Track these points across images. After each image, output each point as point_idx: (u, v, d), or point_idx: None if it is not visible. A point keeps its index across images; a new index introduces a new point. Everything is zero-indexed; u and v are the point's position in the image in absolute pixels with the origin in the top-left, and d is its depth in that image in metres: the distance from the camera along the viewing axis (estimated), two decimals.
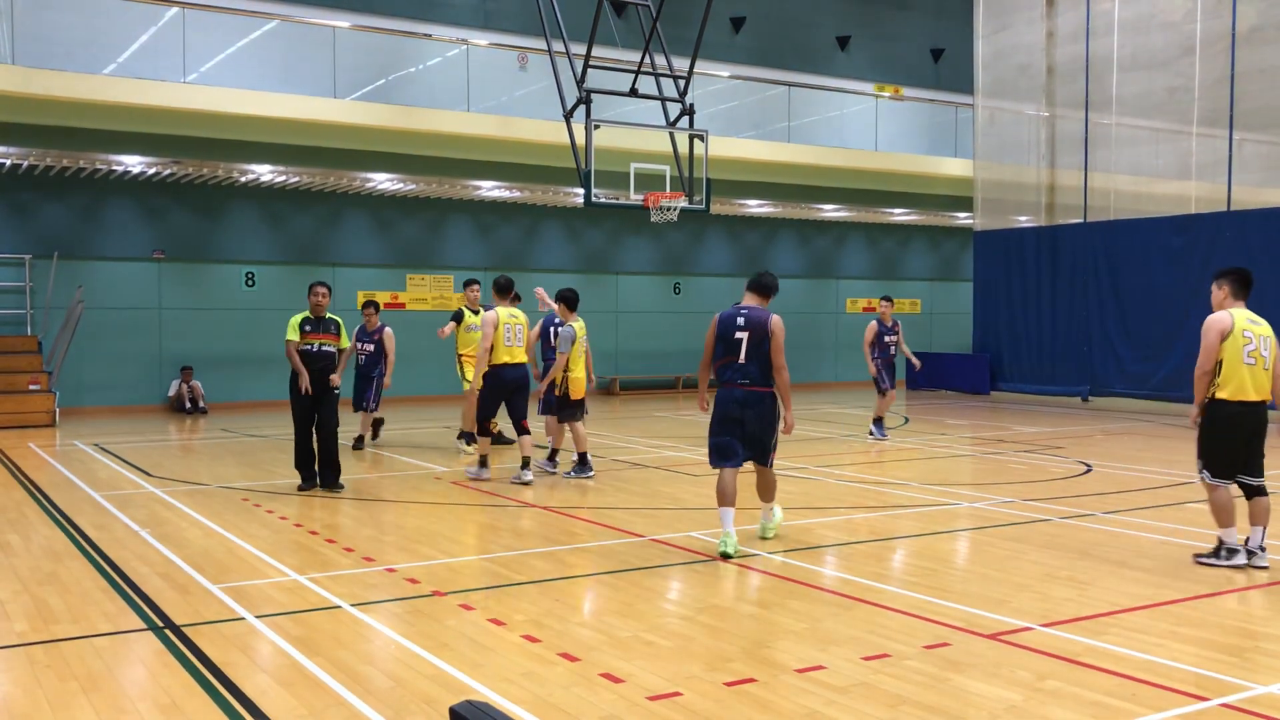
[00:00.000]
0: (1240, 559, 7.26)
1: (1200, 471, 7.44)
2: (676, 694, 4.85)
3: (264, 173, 19.23)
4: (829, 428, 16.79)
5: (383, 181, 20.38)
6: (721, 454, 7.77)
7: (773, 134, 22.63)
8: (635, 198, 15.37)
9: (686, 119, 15.52)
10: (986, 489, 10.81)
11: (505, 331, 11.00)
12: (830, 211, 25.52)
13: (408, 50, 20.07)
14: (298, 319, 10.62)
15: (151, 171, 18.94)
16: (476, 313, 13.67)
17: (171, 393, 19.67)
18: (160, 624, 6.04)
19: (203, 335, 20.21)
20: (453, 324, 14.01)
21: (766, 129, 22.70)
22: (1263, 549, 7.26)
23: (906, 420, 17.83)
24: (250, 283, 20.72)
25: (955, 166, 24.10)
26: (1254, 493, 7.33)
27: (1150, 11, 19.67)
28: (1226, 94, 18.07)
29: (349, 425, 13.27)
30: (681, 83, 15.68)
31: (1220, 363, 7.27)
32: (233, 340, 20.43)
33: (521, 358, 11.18)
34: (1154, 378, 18.85)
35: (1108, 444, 14.49)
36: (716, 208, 22.67)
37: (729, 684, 4.97)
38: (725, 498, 7.72)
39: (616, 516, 9.26)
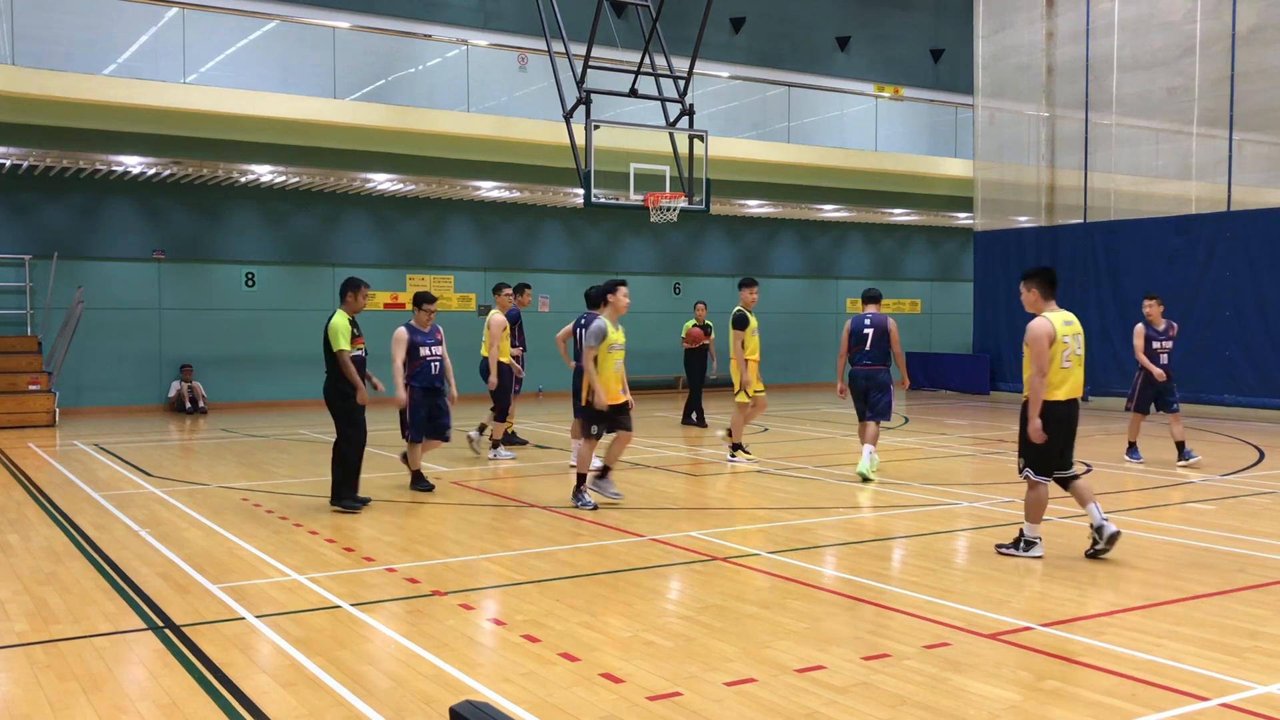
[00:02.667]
0: (1038, 550, 7.57)
1: (1022, 470, 7.68)
2: (676, 694, 4.85)
3: (264, 173, 19.23)
4: (829, 428, 16.79)
5: (382, 182, 20.38)
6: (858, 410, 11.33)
7: (772, 134, 22.64)
8: (635, 198, 15.37)
9: (686, 119, 15.52)
10: (986, 489, 10.80)
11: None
12: (830, 212, 25.53)
13: (407, 51, 20.08)
14: (344, 323, 9.37)
15: (151, 171, 18.94)
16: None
17: (171, 393, 19.67)
18: (160, 624, 6.04)
19: (203, 335, 20.22)
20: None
21: (766, 129, 22.70)
22: (1105, 520, 7.53)
23: (906, 420, 17.83)
24: (250, 283, 20.72)
25: (955, 166, 24.10)
26: (1069, 480, 7.71)
27: (1150, 11, 19.67)
28: (1226, 94, 18.07)
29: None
30: (681, 83, 15.68)
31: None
32: (233, 340, 20.43)
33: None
34: None
35: (1108, 444, 14.48)
36: (716, 208, 22.69)
37: (729, 684, 4.97)
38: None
39: (616, 516, 9.26)
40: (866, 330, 11.36)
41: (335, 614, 6.21)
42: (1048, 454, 7.56)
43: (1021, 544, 7.63)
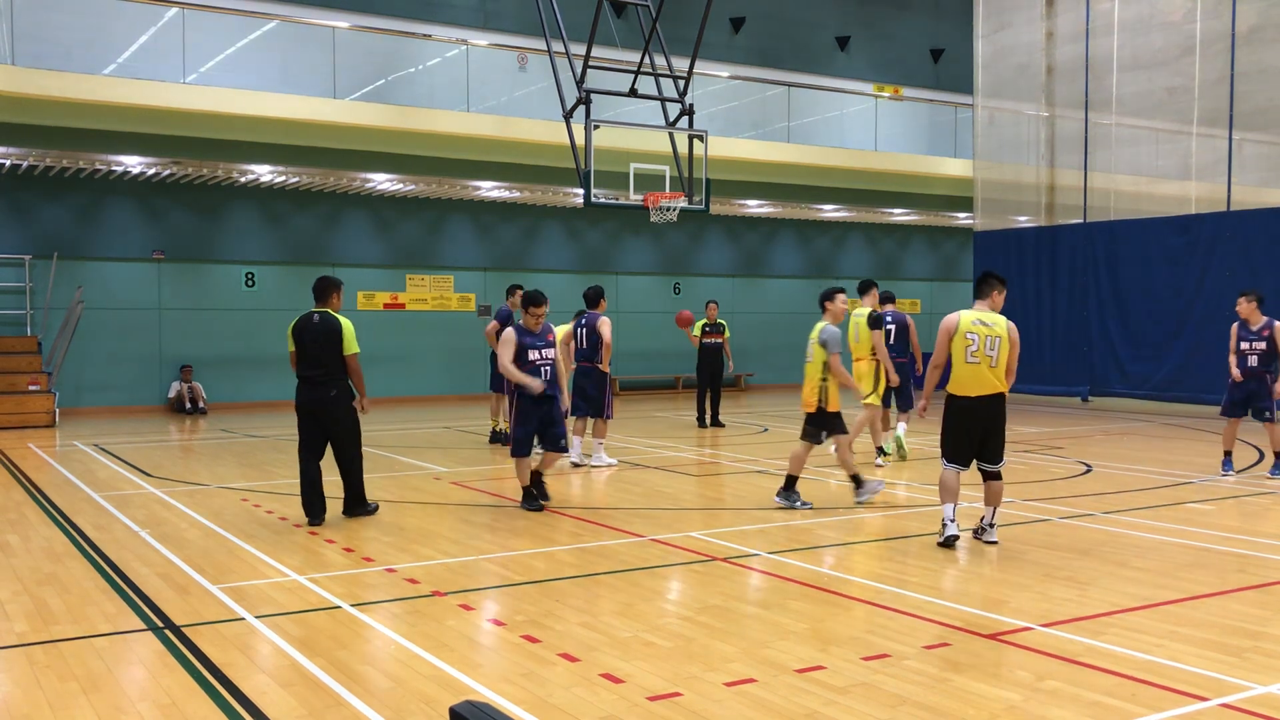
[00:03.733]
0: (952, 530, 7.94)
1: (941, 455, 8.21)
2: (676, 694, 4.85)
3: (264, 173, 19.23)
4: None
5: (382, 181, 20.38)
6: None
7: (772, 134, 22.63)
8: (635, 198, 15.37)
9: (686, 119, 15.52)
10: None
11: None
12: (830, 211, 25.53)
13: (407, 50, 20.08)
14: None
15: (151, 172, 18.94)
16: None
17: (171, 393, 19.68)
18: (160, 624, 6.04)
19: (203, 335, 20.22)
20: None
21: (766, 129, 22.70)
22: (991, 526, 8.03)
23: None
24: (250, 283, 20.73)
25: (955, 166, 24.10)
26: (988, 477, 8.05)
27: (1150, 11, 19.66)
28: (1226, 94, 18.07)
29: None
30: (681, 83, 15.68)
31: (950, 359, 8.00)
32: (233, 340, 20.44)
33: None
34: (1154, 378, 18.84)
35: (1108, 444, 14.48)
36: (716, 208, 22.68)
37: (729, 684, 4.97)
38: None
39: (616, 516, 9.26)
40: (889, 326, 12.84)
41: (335, 614, 6.21)
42: (951, 443, 8.04)
43: (942, 524, 8.11)
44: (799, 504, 9.53)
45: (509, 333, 9.49)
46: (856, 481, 9.68)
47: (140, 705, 4.78)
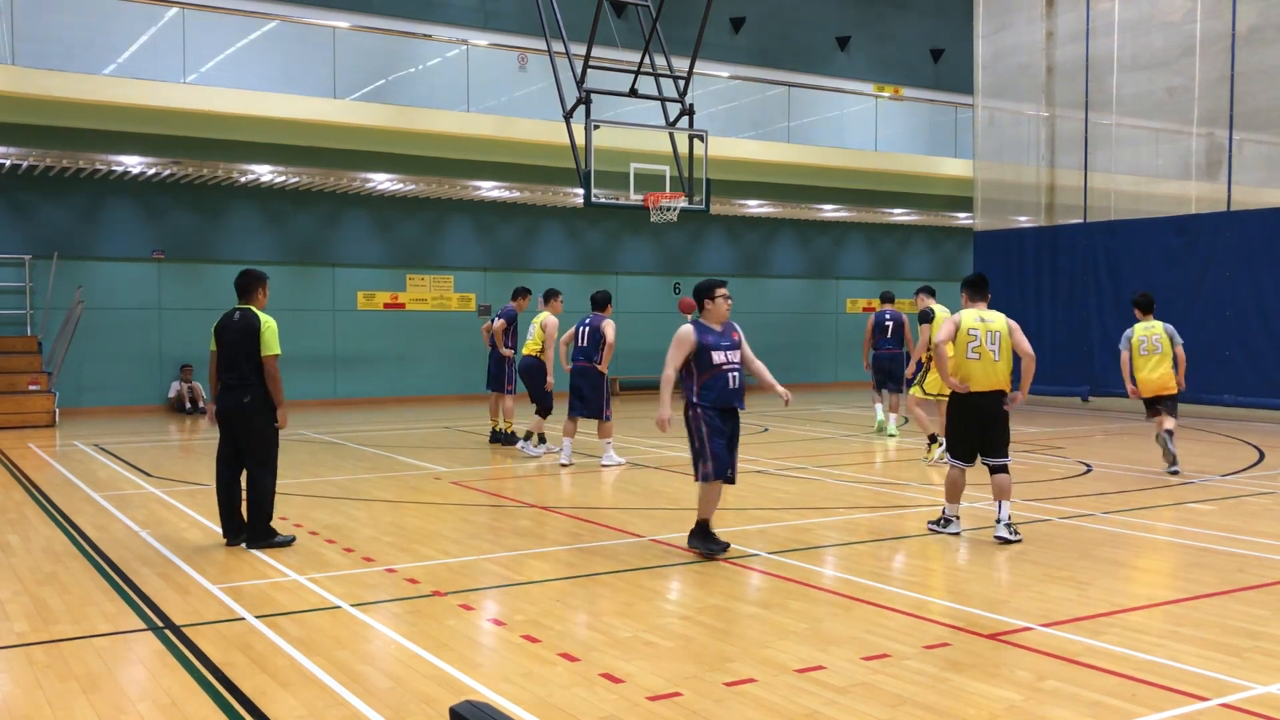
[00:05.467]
0: (955, 528, 8.31)
1: (946, 452, 8.58)
2: (676, 694, 4.85)
3: (264, 173, 19.23)
4: (829, 428, 16.80)
5: (382, 181, 20.38)
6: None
7: (772, 134, 22.64)
8: (635, 198, 15.37)
9: (686, 119, 15.52)
10: (985, 489, 10.77)
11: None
12: (830, 211, 25.53)
13: (407, 50, 20.08)
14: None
15: (151, 172, 18.95)
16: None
17: (171, 393, 19.68)
18: (160, 624, 6.04)
19: (203, 335, 20.14)
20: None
21: (766, 129, 22.71)
22: (1008, 525, 8.05)
23: (906, 421, 17.82)
24: None
25: (955, 166, 24.10)
26: (993, 470, 8.19)
27: (1150, 11, 19.66)
28: (1226, 94, 18.06)
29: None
30: (681, 83, 15.68)
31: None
32: None
33: None
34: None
35: (1108, 444, 14.48)
36: (716, 208, 22.68)
37: (729, 684, 4.97)
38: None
39: (616, 516, 9.26)
40: (888, 323, 15.28)
41: (335, 614, 6.21)
42: (957, 438, 8.31)
43: (942, 521, 8.44)
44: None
45: (685, 331, 7.56)
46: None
47: (140, 705, 4.78)
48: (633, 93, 15.44)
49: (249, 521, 8.10)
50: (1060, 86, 21.59)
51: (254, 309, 8.10)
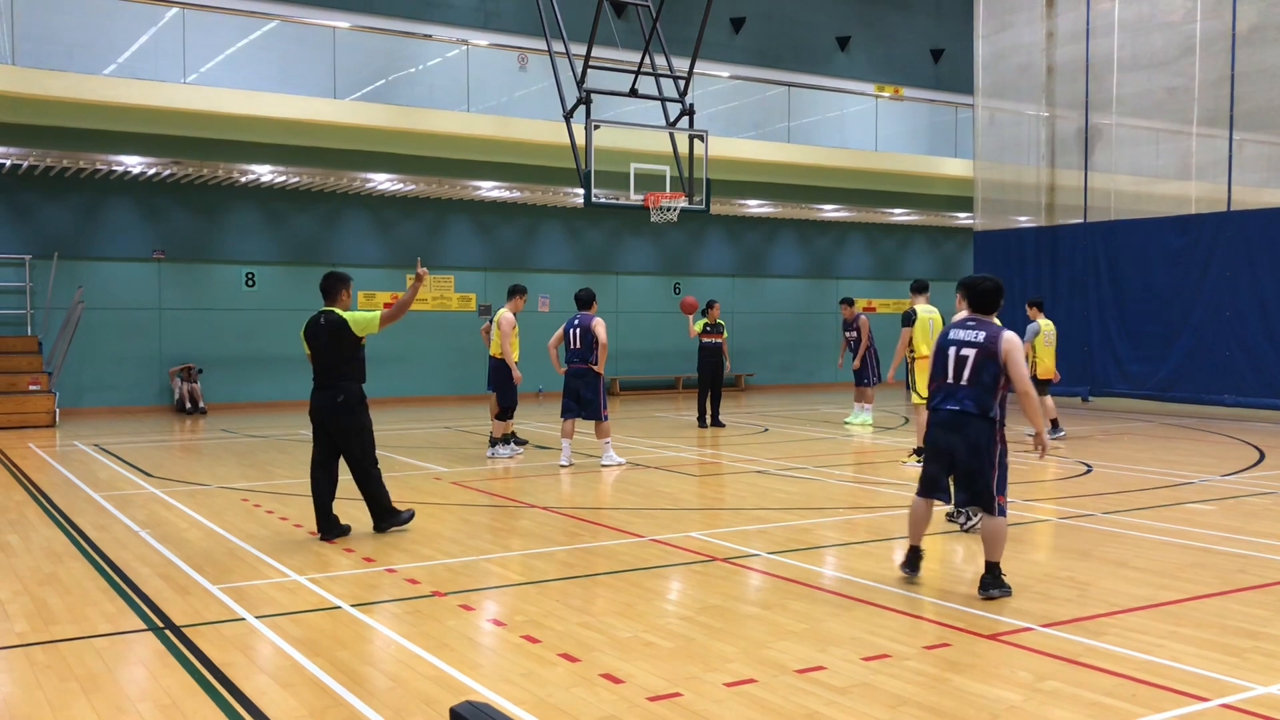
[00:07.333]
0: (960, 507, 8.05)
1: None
2: (676, 694, 4.85)
3: (264, 173, 19.23)
4: (829, 428, 16.80)
5: (382, 182, 20.38)
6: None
7: (773, 134, 22.64)
8: (635, 198, 15.37)
9: (686, 119, 15.52)
10: None
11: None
12: (830, 211, 25.53)
13: (407, 51, 20.08)
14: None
15: (151, 171, 18.95)
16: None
17: (174, 394, 19.68)
18: (160, 624, 6.04)
19: (203, 335, 20.22)
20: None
21: (766, 129, 22.71)
22: (963, 512, 8.45)
23: (906, 420, 17.83)
24: (250, 283, 20.73)
25: (955, 166, 24.11)
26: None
27: (1150, 11, 19.66)
28: (1226, 94, 18.06)
29: None
30: (681, 83, 15.69)
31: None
32: (233, 341, 20.44)
33: None
34: (1154, 378, 18.85)
35: (1108, 444, 14.48)
36: (716, 208, 22.69)
37: (729, 684, 4.97)
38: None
39: (616, 516, 9.26)
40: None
41: (335, 614, 6.21)
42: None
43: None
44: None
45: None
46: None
47: (140, 705, 4.78)
48: (633, 93, 15.44)
49: (373, 509, 8.49)
50: (1060, 86, 21.60)
51: (337, 310, 8.36)
